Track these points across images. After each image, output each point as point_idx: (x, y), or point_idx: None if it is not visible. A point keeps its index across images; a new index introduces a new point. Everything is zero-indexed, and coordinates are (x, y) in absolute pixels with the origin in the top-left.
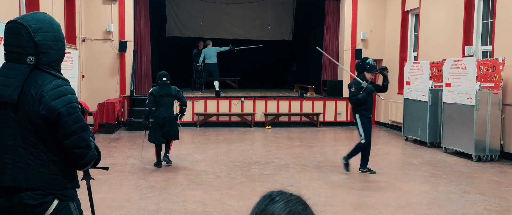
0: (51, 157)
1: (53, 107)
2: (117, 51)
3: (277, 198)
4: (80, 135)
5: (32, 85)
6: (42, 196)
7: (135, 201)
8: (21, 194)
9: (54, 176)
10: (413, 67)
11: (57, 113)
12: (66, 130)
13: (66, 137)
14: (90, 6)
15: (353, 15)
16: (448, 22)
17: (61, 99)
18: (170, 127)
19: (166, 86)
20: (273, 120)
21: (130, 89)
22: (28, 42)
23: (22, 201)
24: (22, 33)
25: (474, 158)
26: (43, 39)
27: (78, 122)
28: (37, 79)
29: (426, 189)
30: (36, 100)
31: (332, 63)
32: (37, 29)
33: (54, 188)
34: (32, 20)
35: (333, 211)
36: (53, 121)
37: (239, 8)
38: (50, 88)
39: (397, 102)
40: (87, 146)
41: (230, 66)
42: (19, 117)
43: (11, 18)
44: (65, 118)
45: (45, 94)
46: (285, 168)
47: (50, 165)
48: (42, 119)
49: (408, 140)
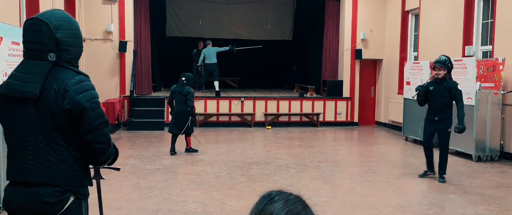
0: (72, 153)
1: (78, 101)
2: (117, 51)
3: (276, 197)
4: (101, 130)
5: (54, 81)
6: (60, 193)
7: (135, 201)
8: (40, 191)
9: (74, 172)
10: (413, 67)
11: (82, 107)
12: (89, 124)
13: (89, 132)
14: (90, 6)
15: (353, 15)
16: (448, 22)
17: (84, 94)
18: (180, 121)
19: (181, 85)
20: (273, 120)
21: (130, 89)
22: (49, 39)
23: (41, 198)
24: (43, 30)
25: (474, 158)
26: (63, 36)
27: (100, 117)
28: (59, 75)
29: (426, 189)
30: (59, 95)
31: (332, 63)
32: (57, 26)
33: (73, 185)
34: (52, 17)
35: (333, 211)
36: (77, 115)
37: (239, 8)
38: (73, 83)
39: (397, 102)
40: (108, 141)
41: (230, 66)
42: (40, 113)
43: (11, 18)
44: (88, 113)
45: (69, 89)
46: (285, 168)
47: (70, 160)
48: (66, 114)
49: (408, 140)
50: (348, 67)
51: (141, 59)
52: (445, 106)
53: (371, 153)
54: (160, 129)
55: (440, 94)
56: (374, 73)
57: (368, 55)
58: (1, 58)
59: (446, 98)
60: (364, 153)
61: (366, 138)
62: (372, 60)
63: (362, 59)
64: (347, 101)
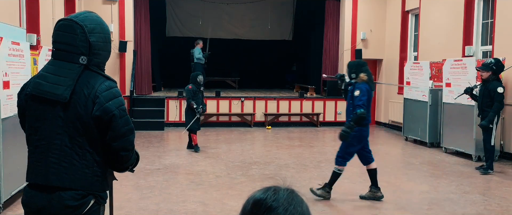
0: (95, 158)
1: (108, 109)
2: (117, 51)
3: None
4: (128, 137)
5: (85, 86)
6: (82, 197)
7: (135, 201)
8: (62, 194)
9: (96, 177)
10: (413, 67)
11: (112, 114)
12: (117, 132)
13: (116, 139)
14: (90, 6)
15: (353, 15)
16: (448, 22)
17: (114, 101)
18: (186, 118)
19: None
20: (273, 120)
21: (130, 89)
22: (83, 42)
23: (63, 202)
24: (77, 33)
25: (474, 158)
26: (96, 40)
27: (127, 124)
28: (89, 80)
29: (426, 189)
30: (89, 100)
31: (332, 63)
32: (92, 30)
33: (94, 190)
34: (86, 20)
35: (333, 211)
36: (106, 122)
37: (239, 8)
38: (103, 90)
39: (397, 102)
40: (132, 148)
41: (230, 66)
42: (68, 116)
43: (11, 18)
44: (117, 120)
45: (99, 95)
46: (285, 168)
47: (94, 165)
48: (95, 120)
49: (408, 140)
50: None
51: (141, 59)
52: (486, 106)
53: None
54: (160, 129)
55: (482, 94)
56: (374, 73)
57: (368, 55)
58: (1, 58)
59: (487, 98)
60: None
61: None
62: (372, 60)
63: (362, 59)
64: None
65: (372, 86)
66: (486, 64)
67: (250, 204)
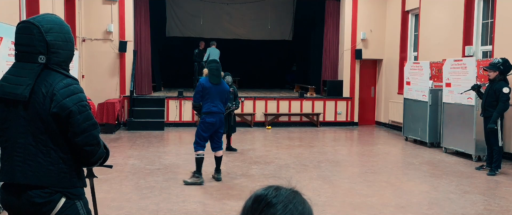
0: (60, 155)
1: (65, 105)
2: (117, 51)
3: (274, 200)
4: (90, 133)
5: (43, 84)
6: (49, 194)
7: (135, 201)
8: (29, 192)
9: (63, 174)
10: (413, 67)
11: (68, 111)
12: (77, 128)
13: (77, 134)
14: (90, 6)
15: (353, 15)
16: (448, 22)
17: (72, 98)
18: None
19: None
20: (273, 120)
21: (130, 89)
22: (40, 42)
23: (30, 199)
24: (34, 33)
25: (474, 158)
26: (54, 39)
27: (88, 119)
28: (47, 78)
29: (426, 189)
30: (47, 98)
31: (332, 63)
32: (48, 29)
33: (62, 186)
34: (43, 20)
35: (333, 211)
36: (64, 118)
37: (239, 8)
38: (61, 87)
39: (397, 102)
40: (97, 143)
41: (230, 66)
42: (29, 115)
43: (11, 18)
44: (76, 116)
45: (56, 93)
46: (285, 168)
47: (59, 162)
48: (53, 117)
49: (408, 140)
50: (348, 67)
51: (141, 59)
52: (489, 105)
53: (371, 153)
54: (160, 129)
55: (487, 93)
56: (374, 73)
57: (368, 55)
58: (1, 58)
59: (492, 97)
60: (364, 153)
61: (366, 138)
62: (372, 60)
63: (362, 59)
64: (347, 101)
65: None
66: (493, 64)
67: (251, 199)
